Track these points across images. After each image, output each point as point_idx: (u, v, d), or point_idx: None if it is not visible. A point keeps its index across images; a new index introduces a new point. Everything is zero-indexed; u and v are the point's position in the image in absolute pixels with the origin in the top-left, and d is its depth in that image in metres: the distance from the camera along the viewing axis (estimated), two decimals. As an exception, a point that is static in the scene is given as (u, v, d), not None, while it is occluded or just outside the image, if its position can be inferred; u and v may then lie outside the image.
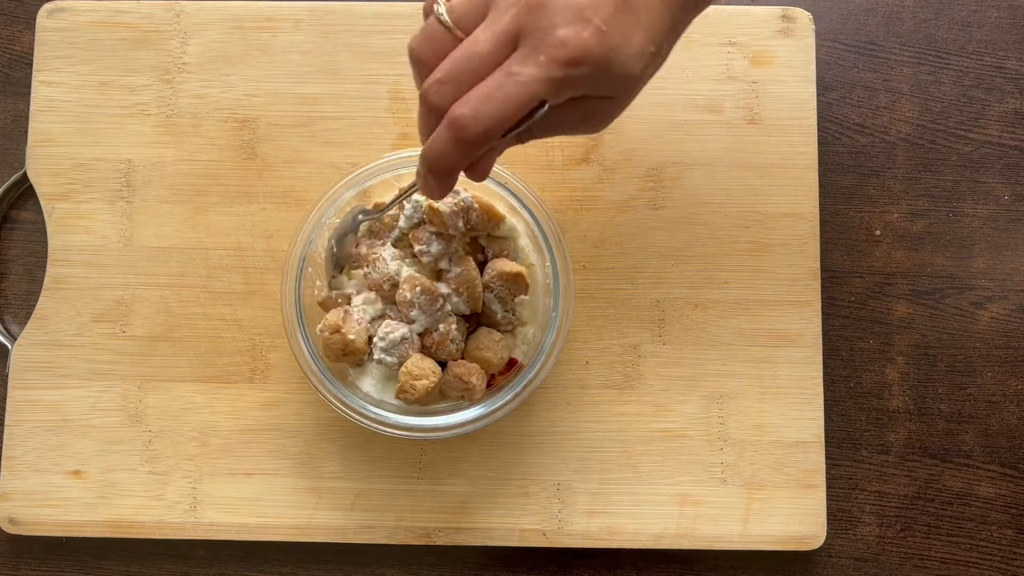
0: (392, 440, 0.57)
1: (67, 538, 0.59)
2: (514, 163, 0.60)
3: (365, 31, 0.62)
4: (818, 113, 0.62)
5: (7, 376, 0.60)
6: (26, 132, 0.61)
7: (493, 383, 0.56)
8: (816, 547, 0.58)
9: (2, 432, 0.60)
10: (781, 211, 0.61)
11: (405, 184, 0.57)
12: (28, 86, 0.62)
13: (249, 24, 0.62)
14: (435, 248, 0.53)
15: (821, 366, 0.60)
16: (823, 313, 0.60)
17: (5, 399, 0.60)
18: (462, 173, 0.42)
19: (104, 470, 0.59)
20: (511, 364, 0.56)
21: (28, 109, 0.62)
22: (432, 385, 0.53)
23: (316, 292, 0.56)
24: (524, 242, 0.57)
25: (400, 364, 0.53)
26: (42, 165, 0.61)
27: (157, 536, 0.59)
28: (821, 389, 0.59)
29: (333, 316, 0.54)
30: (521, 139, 0.42)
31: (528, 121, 0.39)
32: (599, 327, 0.60)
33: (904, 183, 0.63)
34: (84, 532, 0.59)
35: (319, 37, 0.62)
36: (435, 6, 0.40)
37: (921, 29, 0.64)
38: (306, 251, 0.55)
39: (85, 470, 0.59)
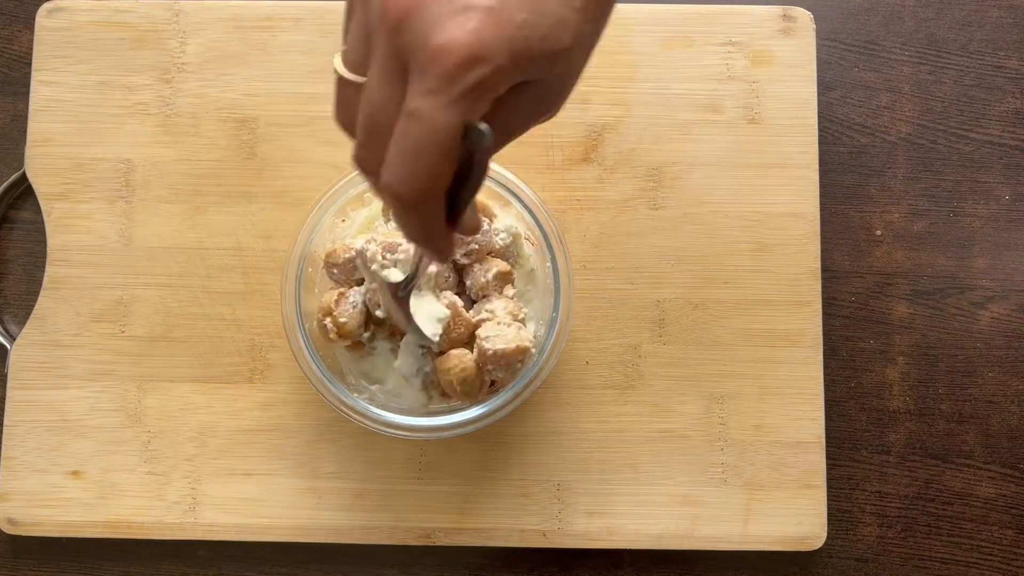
0: (392, 440, 0.57)
1: (67, 538, 0.59)
2: (514, 163, 0.60)
3: (365, 31, 0.62)
4: (818, 113, 0.62)
5: (6, 376, 0.60)
6: (25, 132, 0.61)
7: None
8: (816, 547, 0.58)
9: (2, 432, 0.60)
10: (781, 211, 0.61)
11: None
12: (27, 86, 0.62)
13: (249, 24, 0.62)
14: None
15: (821, 366, 0.59)
16: (823, 313, 0.60)
17: (4, 399, 0.60)
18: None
19: (103, 470, 0.59)
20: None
21: (27, 109, 0.61)
22: (474, 361, 0.52)
23: (318, 295, 0.56)
24: (526, 247, 0.57)
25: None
26: (41, 165, 0.61)
27: (156, 537, 0.58)
28: (821, 389, 0.59)
29: (327, 298, 0.54)
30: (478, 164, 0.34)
31: (475, 153, 0.32)
32: (599, 327, 0.60)
33: (904, 183, 0.63)
34: (84, 532, 0.58)
35: (319, 37, 0.62)
36: (334, 62, 0.34)
37: (922, 29, 0.64)
38: (306, 251, 0.54)
39: (84, 470, 0.59)
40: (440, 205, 0.33)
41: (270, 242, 0.61)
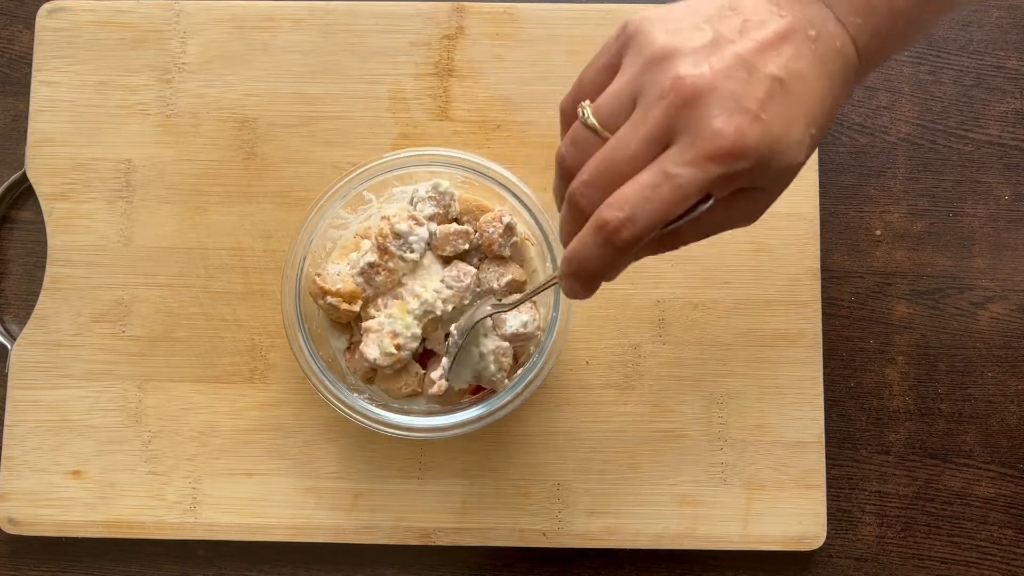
0: (392, 440, 0.57)
1: (67, 538, 0.59)
2: (514, 163, 0.60)
3: (365, 31, 0.62)
4: (818, 113, 0.62)
5: (7, 376, 0.60)
6: (26, 132, 0.61)
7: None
8: (816, 547, 0.58)
9: (2, 432, 0.60)
10: (781, 211, 0.60)
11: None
12: (28, 86, 0.62)
13: (249, 24, 0.62)
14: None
15: (821, 366, 0.60)
16: (823, 313, 0.60)
17: (5, 399, 0.60)
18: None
19: (104, 470, 0.59)
20: (478, 389, 0.56)
21: (28, 109, 0.62)
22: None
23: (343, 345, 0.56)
24: (530, 249, 0.57)
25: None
26: (42, 165, 0.61)
27: (157, 536, 0.59)
28: (821, 389, 0.59)
29: (311, 287, 0.54)
30: (665, 246, 0.40)
31: (687, 217, 0.37)
32: (599, 327, 0.60)
33: (904, 183, 0.63)
34: (84, 532, 0.58)
35: (319, 37, 0.62)
36: (580, 111, 0.38)
37: (921, 29, 0.64)
38: (306, 251, 0.55)
39: (85, 470, 0.59)
40: (632, 255, 0.37)
41: (270, 242, 0.61)
